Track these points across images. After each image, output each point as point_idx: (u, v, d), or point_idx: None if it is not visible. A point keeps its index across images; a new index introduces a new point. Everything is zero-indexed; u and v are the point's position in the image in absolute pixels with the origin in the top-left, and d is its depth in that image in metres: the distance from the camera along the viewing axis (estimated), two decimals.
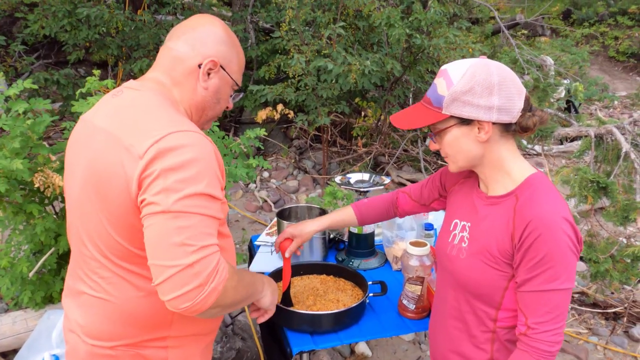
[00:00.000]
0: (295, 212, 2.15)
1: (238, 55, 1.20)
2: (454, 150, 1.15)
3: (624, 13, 11.39)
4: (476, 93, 1.07)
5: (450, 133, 1.13)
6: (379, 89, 5.14)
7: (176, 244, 0.93)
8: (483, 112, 1.07)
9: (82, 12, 4.53)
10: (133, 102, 1.09)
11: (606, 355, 2.80)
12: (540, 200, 1.07)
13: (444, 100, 1.10)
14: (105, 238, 1.06)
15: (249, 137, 2.61)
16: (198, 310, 0.95)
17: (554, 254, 1.04)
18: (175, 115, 1.06)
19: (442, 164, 5.19)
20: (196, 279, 0.93)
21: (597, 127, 2.86)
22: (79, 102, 2.16)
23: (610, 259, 2.50)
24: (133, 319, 1.09)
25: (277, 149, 5.54)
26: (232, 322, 2.81)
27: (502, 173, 1.15)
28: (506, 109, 1.08)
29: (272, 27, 5.56)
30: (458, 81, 1.08)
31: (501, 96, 1.07)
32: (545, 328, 1.06)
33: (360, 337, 1.55)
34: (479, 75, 1.07)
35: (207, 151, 1.02)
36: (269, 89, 4.26)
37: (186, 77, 1.14)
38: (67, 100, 4.88)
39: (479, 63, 1.10)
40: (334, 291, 1.69)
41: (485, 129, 1.09)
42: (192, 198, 0.95)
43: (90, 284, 1.11)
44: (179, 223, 0.94)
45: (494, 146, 1.13)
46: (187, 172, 0.96)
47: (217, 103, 1.19)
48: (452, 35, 3.86)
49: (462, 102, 1.08)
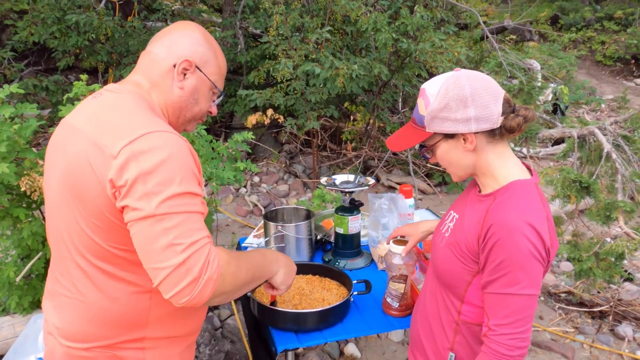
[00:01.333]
0: (282, 214, 2.16)
1: (216, 58, 1.21)
2: (447, 163, 1.20)
3: (610, 18, 11.56)
4: (452, 108, 1.11)
5: (440, 148, 1.18)
6: (367, 93, 5.19)
7: (164, 247, 0.96)
8: (462, 125, 1.11)
9: (72, 19, 4.54)
10: (111, 104, 1.10)
11: (592, 354, 2.83)
12: (510, 205, 1.10)
13: (425, 119, 1.15)
14: (82, 237, 1.07)
15: (236, 141, 2.63)
16: (199, 302, 0.98)
17: (513, 258, 1.06)
18: (150, 116, 1.07)
19: (431, 167, 5.24)
20: (189, 274, 0.96)
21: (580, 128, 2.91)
22: (66, 107, 2.17)
23: (593, 257, 2.54)
24: (107, 319, 1.09)
25: (268, 153, 5.56)
26: (221, 325, 2.82)
27: (489, 176, 1.18)
28: (484, 118, 1.11)
29: (262, 32, 5.60)
30: (434, 100, 1.13)
31: (476, 106, 1.10)
32: (504, 331, 1.08)
33: (344, 335, 1.57)
34: (452, 91, 1.11)
35: (182, 150, 1.03)
36: (258, 94, 4.29)
37: (163, 78, 1.16)
38: (56, 106, 4.87)
39: (450, 78, 1.13)
40: (319, 290, 1.70)
41: (469, 139, 1.13)
42: (173, 199, 0.97)
43: (67, 284, 1.12)
44: (164, 225, 0.96)
45: (482, 153, 1.16)
46: (165, 174, 0.97)
47: (195, 104, 1.19)
48: (438, 39, 3.91)
49: (440, 119, 1.13)
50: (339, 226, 1.96)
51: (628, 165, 2.76)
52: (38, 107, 2.18)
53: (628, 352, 2.81)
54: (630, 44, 10.30)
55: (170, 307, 1.12)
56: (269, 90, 4.37)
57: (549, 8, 12.28)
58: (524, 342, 1.09)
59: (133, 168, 0.97)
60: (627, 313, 3.07)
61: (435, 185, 5.09)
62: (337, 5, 4.27)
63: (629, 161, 2.79)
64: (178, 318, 1.16)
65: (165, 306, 1.12)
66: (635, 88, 9.77)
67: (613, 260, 2.62)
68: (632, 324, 3.02)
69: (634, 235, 2.40)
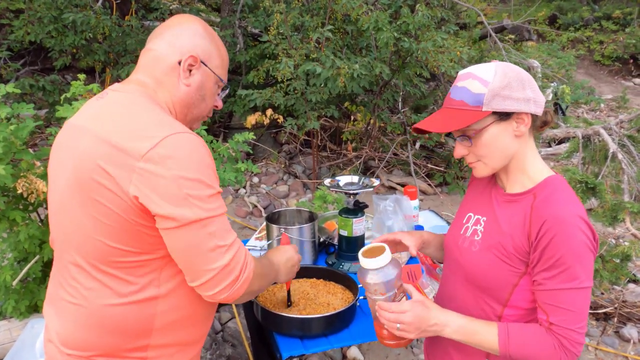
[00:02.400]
0: (284, 216, 2.13)
1: (219, 50, 1.19)
2: (490, 150, 1.14)
3: (609, 18, 11.57)
4: (513, 87, 1.10)
5: (488, 132, 1.13)
6: (368, 93, 5.15)
7: (210, 249, 1.00)
8: (524, 103, 1.11)
9: (68, 18, 4.48)
10: (119, 103, 1.07)
11: (597, 356, 2.80)
12: (557, 200, 1.09)
13: (484, 97, 1.10)
14: (91, 241, 1.03)
15: (237, 142, 2.59)
16: (233, 299, 1.05)
17: (572, 253, 1.04)
18: (164, 116, 1.06)
19: (432, 167, 5.21)
20: (232, 274, 1.02)
21: (585, 129, 2.88)
22: (63, 107, 2.12)
23: (599, 259, 2.50)
24: (111, 327, 1.06)
25: (267, 154, 5.52)
26: (222, 329, 2.78)
27: (522, 171, 1.17)
28: (538, 102, 1.13)
29: (261, 32, 5.55)
30: (493, 78, 1.11)
31: (532, 89, 1.12)
32: (567, 326, 1.06)
33: (350, 341, 1.53)
34: (511, 72, 1.12)
35: (203, 149, 1.03)
36: (257, 94, 4.25)
37: (167, 76, 1.12)
38: (53, 106, 4.82)
39: (502, 64, 1.15)
40: (324, 295, 1.67)
41: (525, 121, 1.12)
42: (208, 201, 1.00)
43: (69, 290, 1.08)
44: (208, 230, 0.99)
45: (523, 143, 1.16)
46: (195, 177, 0.99)
47: (202, 100, 1.17)
48: (440, 38, 3.88)
49: (502, 97, 1.10)
50: (343, 228, 1.93)
51: (633, 165, 2.73)
52: (35, 107, 2.14)
53: (634, 354, 2.78)
54: (628, 44, 10.31)
55: (177, 314, 1.09)
56: (269, 90, 4.33)
57: (547, 8, 12.29)
58: (583, 338, 1.08)
59: (163, 171, 0.96)
60: (631, 315, 3.05)
61: (436, 186, 5.06)
62: (337, 4, 4.24)
63: (634, 161, 2.76)
64: (184, 326, 1.12)
65: (171, 313, 1.08)
66: (634, 88, 9.78)
67: (618, 261, 2.59)
68: (637, 325, 2.99)
69: None
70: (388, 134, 5.46)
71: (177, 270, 1.06)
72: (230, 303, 1.08)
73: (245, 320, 2.52)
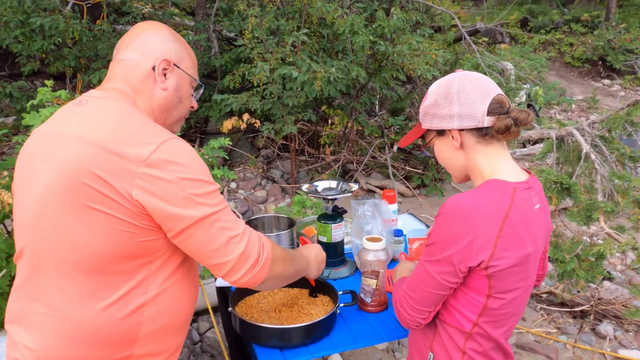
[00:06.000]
0: (262, 223, 2.09)
1: (188, 51, 1.22)
2: (442, 161, 1.25)
3: (578, 21, 11.87)
4: (440, 105, 1.16)
5: (435, 145, 1.24)
6: (345, 97, 5.15)
7: (224, 243, 1.04)
8: (446, 121, 1.16)
9: (36, 22, 4.35)
10: (106, 110, 1.07)
11: (575, 354, 2.84)
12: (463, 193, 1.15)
13: (419, 116, 1.23)
14: (80, 248, 1.00)
15: (213, 147, 2.54)
16: (257, 281, 1.10)
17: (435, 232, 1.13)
18: (153, 122, 1.09)
19: (410, 169, 5.23)
20: (250, 258, 1.08)
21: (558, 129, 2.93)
22: (30, 114, 2.05)
23: (575, 258, 2.54)
24: (95, 337, 1.02)
25: (244, 159, 5.46)
26: (200, 340, 2.71)
27: (479, 177, 1.18)
28: (467, 115, 1.13)
29: (236, 36, 5.50)
30: (428, 97, 1.20)
31: (461, 104, 1.13)
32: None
33: (332, 350, 1.50)
34: (442, 89, 1.17)
35: (194, 151, 1.07)
36: (233, 98, 4.19)
37: (144, 83, 1.14)
38: (21, 113, 4.66)
39: (447, 77, 1.19)
40: (303, 303, 1.64)
41: (454, 136, 1.17)
42: (212, 197, 1.04)
43: (49, 301, 1.03)
44: (219, 225, 1.04)
45: (471, 153, 1.18)
46: (196, 176, 1.03)
47: (179, 102, 1.19)
48: (416, 41, 3.90)
49: (430, 115, 1.19)
50: (322, 234, 1.90)
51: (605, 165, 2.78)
52: (1, 114, 2.05)
53: (610, 350, 2.83)
54: (597, 46, 10.59)
55: (161, 321, 1.08)
56: (245, 94, 4.28)
57: (518, 11, 12.55)
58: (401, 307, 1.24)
59: (165, 177, 0.99)
60: (607, 312, 3.10)
61: (414, 188, 5.08)
62: (312, 7, 4.22)
63: (606, 161, 2.81)
64: (167, 333, 1.11)
65: (156, 320, 1.07)
66: (603, 88, 10.05)
67: (594, 260, 2.63)
68: (612, 322, 3.05)
69: (616, 235, 2.41)
70: (366, 137, 5.47)
71: (166, 277, 1.07)
72: (256, 288, 1.14)
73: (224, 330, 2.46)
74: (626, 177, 2.59)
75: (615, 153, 2.89)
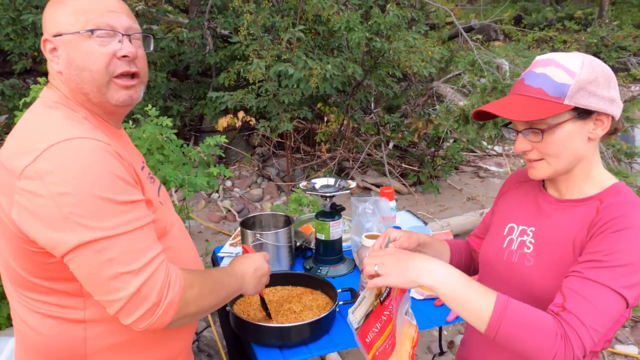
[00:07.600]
0: (259, 221, 2.07)
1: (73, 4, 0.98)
2: (560, 149, 1.01)
3: (571, 18, 11.94)
4: (600, 84, 0.98)
5: (564, 129, 0.99)
6: (340, 94, 5.13)
7: (111, 278, 0.86)
8: (607, 104, 0.98)
9: (28, 19, 4.30)
10: (23, 117, 0.99)
11: None
12: (629, 202, 0.99)
13: (569, 89, 0.97)
14: (8, 268, 0.98)
15: (208, 145, 2.52)
16: (160, 326, 0.91)
17: (630, 254, 0.92)
18: (60, 119, 0.93)
19: (405, 167, 5.22)
20: (147, 301, 0.88)
21: None
22: (22, 112, 2.02)
23: None
24: (44, 352, 0.99)
25: (240, 157, 5.44)
26: (197, 339, 2.69)
27: (586, 178, 1.06)
28: (620, 105, 1.01)
29: (231, 33, 5.47)
30: (580, 70, 0.97)
31: (616, 90, 1.00)
32: (581, 317, 0.90)
33: (331, 348, 1.49)
34: (598, 67, 0.99)
35: (102, 156, 0.88)
36: (229, 96, 4.17)
37: (52, 73, 1.02)
38: (14, 112, 4.62)
39: (587, 55, 1.02)
40: (303, 301, 1.62)
41: (604, 123, 1.00)
42: (104, 218, 0.85)
43: (14, 313, 1.03)
44: (105, 255, 0.85)
45: (593, 149, 1.04)
46: (84, 189, 0.84)
47: (82, 70, 0.97)
48: (412, 38, 3.89)
49: (588, 92, 0.97)
50: (320, 232, 1.88)
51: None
52: None
53: None
54: (590, 43, 10.63)
55: (112, 339, 0.99)
56: (240, 92, 4.26)
57: (512, 8, 12.60)
58: (590, 343, 0.93)
59: (39, 191, 0.84)
60: None
61: (410, 185, 5.08)
62: (308, 4, 4.20)
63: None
64: (125, 353, 1.01)
65: (104, 338, 0.99)
66: None
67: None
68: None
69: None
70: (362, 135, 5.45)
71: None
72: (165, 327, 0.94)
73: (221, 329, 2.45)
74: (622, 173, 2.58)
75: (611, 149, 2.89)
